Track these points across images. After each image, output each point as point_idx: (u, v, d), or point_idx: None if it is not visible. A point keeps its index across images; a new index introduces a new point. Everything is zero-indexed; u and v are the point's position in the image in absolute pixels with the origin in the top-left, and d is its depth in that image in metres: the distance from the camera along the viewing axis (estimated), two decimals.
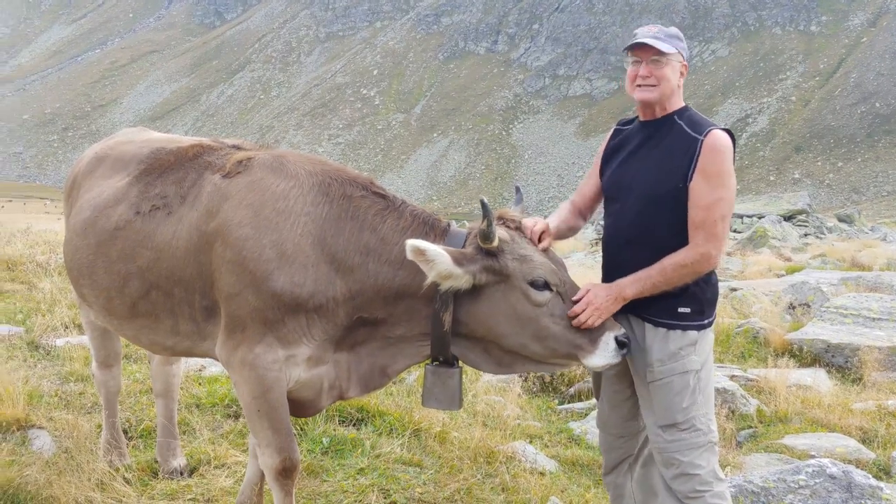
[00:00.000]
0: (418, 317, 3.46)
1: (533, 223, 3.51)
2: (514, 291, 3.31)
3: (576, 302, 3.33)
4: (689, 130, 3.38)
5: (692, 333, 3.39)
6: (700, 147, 3.30)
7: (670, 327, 3.40)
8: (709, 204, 3.28)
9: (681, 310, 3.39)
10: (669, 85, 3.43)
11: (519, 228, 3.47)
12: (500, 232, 3.34)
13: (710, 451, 3.42)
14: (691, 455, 3.36)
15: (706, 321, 3.44)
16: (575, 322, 3.30)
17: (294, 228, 3.41)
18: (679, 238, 3.37)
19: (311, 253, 3.39)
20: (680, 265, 3.30)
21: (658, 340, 3.42)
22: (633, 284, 3.34)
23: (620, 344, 3.28)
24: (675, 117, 3.47)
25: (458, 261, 3.22)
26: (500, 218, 3.48)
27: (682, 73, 3.47)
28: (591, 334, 3.28)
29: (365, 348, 3.57)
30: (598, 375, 3.80)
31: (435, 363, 3.54)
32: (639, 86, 3.48)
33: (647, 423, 3.53)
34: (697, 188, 3.29)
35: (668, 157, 3.38)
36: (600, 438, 3.97)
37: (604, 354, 3.27)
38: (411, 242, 3.16)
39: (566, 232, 3.88)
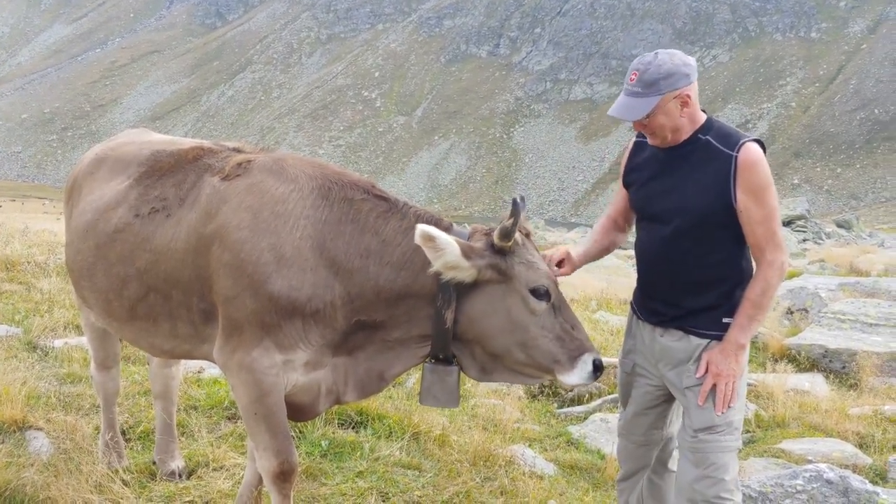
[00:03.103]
0: (418, 318, 3.47)
1: (553, 252, 3.57)
2: (513, 294, 3.33)
3: (568, 320, 3.38)
4: (720, 146, 3.32)
5: None
6: (736, 164, 3.25)
7: (715, 337, 3.41)
8: (763, 218, 3.26)
9: (725, 320, 3.40)
10: (666, 129, 3.35)
11: (528, 235, 3.49)
12: (517, 236, 3.37)
13: (736, 458, 3.43)
14: (724, 457, 3.36)
15: None
16: (717, 399, 3.33)
17: (293, 232, 3.42)
18: (716, 255, 3.38)
19: (309, 256, 3.40)
20: (768, 289, 3.31)
21: (701, 349, 3.43)
22: (742, 332, 3.33)
23: (596, 367, 3.34)
24: (700, 135, 3.39)
25: (466, 253, 3.25)
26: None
27: (684, 104, 3.31)
28: (572, 353, 3.34)
29: (363, 352, 3.58)
30: (627, 383, 3.81)
31: (433, 361, 3.56)
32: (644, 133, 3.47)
33: (683, 426, 3.52)
34: (747, 207, 3.26)
35: (703, 175, 3.33)
36: (620, 446, 3.96)
37: (580, 374, 3.34)
38: (422, 227, 3.18)
39: (600, 253, 3.88)
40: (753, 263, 3.42)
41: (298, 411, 3.70)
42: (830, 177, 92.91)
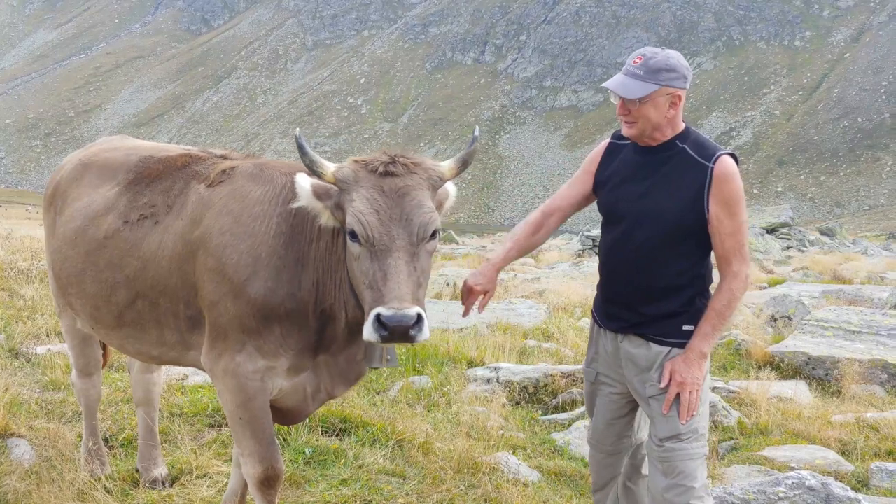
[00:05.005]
0: (348, 288, 3.37)
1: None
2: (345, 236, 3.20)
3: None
4: (696, 156, 3.33)
5: None
6: (711, 175, 3.27)
7: (676, 345, 3.41)
8: (733, 230, 3.29)
9: (685, 328, 3.41)
10: (650, 122, 3.35)
11: (393, 173, 3.14)
12: (346, 170, 3.19)
13: (704, 465, 3.45)
14: (692, 465, 3.38)
15: None
16: (681, 408, 3.33)
17: (268, 231, 3.46)
18: (681, 262, 3.40)
19: (283, 254, 3.43)
20: (733, 300, 3.32)
21: (662, 357, 3.43)
22: (705, 341, 3.35)
23: (381, 324, 2.88)
24: (677, 142, 3.40)
25: (318, 194, 3.21)
26: (396, 161, 3.18)
27: (673, 104, 3.33)
28: (371, 305, 2.97)
29: (335, 345, 3.57)
30: (592, 393, 3.81)
31: None
32: (622, 121, 3.45)
33: (650, 435, 3.53)
34: (719, 218, 3.28)
35: (677, 184, 3.34)
36: (591, 456, 3.96)
37: (367, 330, 2.94)
38: (296, 175, 3.23)
39: (519, 255, 3.80)
40: (716, 273, 3.44)
41: (289, 415, 3.74)
42: (814, 184, 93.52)
